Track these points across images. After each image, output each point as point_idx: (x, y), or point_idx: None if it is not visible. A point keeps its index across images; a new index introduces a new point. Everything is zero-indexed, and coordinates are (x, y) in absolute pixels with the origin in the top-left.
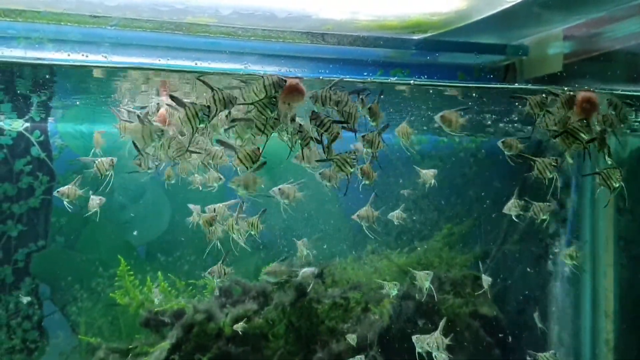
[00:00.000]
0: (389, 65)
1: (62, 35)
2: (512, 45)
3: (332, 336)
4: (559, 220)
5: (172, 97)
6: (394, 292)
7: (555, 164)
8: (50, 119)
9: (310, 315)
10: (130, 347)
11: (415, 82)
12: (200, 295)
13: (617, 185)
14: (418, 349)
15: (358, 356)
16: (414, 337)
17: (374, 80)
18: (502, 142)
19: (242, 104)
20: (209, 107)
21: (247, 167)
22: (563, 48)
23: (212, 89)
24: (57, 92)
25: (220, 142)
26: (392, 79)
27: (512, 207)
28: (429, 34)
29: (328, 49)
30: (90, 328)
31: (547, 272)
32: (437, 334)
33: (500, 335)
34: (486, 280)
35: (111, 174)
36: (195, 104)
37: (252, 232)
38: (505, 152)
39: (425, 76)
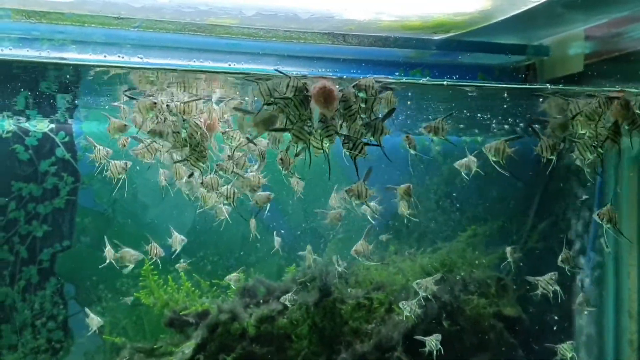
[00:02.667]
0: (409, 66)
1: (85, 37)
2: (533, 45)
3: (356, 337)
4: (582, 220)
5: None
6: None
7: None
8: (74, 120)
9: (334, 315)
10: (155, 346)
11: (449, 83)
12: (224, 296)
13: None
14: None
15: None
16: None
17: (406, 80)
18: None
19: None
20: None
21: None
22: (584, 48)
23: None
24: (81, 92)
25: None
26: (423, 80)
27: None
28: (450, 34)
29: (349, 49)
30: (115, 328)
31: (570, 272)
32: None
33: (523, 336)
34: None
35: (123, 177)
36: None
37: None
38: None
39: (452, 77)
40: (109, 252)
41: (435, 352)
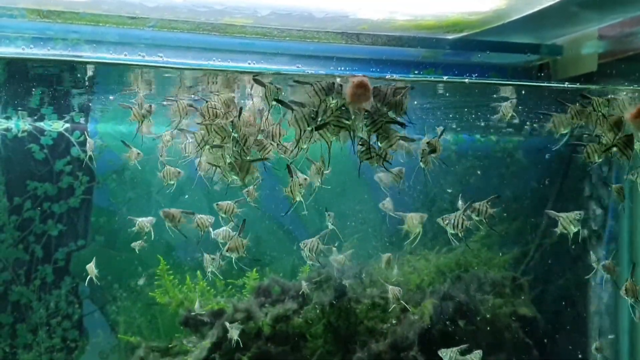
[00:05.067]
0: (422, 65)
1: (99, 37)
2: (546, 44)
3: (371, 336)
4: (597, 219)
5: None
6: None
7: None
8: (89, 120)
9: (349, 315)
10: (170, 345)
11: (471, 81)
12: (240, 295)
13: None
14: None
15: None
16: None
17: (438, 79)
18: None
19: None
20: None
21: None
22: (598, 48)
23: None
24: (96, 92)
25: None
26: (445, 78)
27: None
28: (463, 34)
29: (362, 49)
30: (130, 327)
31: (585, 272)
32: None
33: (539, 336)
34: None
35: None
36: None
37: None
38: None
39: (463, 76)
40: (89, 267)
41: None
